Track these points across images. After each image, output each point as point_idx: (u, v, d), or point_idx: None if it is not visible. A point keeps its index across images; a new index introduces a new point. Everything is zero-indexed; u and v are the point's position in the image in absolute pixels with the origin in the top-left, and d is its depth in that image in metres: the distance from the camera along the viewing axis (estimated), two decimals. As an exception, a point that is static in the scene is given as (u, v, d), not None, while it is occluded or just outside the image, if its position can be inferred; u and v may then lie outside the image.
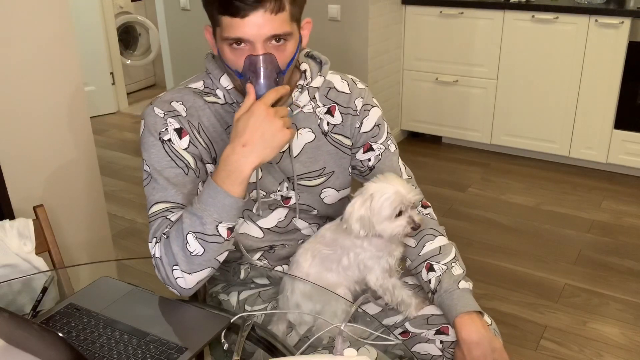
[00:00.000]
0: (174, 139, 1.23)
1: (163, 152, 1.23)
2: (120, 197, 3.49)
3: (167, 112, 1.24)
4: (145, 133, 1.25)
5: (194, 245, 1.14)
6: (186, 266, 1.16)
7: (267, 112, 1.11)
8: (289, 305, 1.28)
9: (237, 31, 1.11)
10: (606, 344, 2.26)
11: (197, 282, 1.19)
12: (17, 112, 1.83)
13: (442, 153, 4.04)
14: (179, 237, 1.15)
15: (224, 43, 1.14)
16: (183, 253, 1.15)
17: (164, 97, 1.27)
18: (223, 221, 1.13)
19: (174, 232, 1.16)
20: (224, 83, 1.27)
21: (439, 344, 1.31)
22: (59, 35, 1.90)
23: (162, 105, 1.25)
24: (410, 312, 1.33)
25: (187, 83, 1.31)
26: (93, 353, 1.06)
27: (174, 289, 1.19)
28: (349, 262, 1.29)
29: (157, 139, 1.23)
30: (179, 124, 1.24)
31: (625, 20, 3.24)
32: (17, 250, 1.48)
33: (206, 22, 1.21)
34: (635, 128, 3.42)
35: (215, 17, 1.14)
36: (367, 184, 1.26)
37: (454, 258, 1.35)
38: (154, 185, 1.23)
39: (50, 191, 1.96)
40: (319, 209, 1.40)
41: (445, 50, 3.81)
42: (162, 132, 1.23)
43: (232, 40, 1.13)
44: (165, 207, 1.21)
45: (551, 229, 3.06)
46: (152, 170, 1.23)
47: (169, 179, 1.22)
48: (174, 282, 1.18)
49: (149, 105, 1.26)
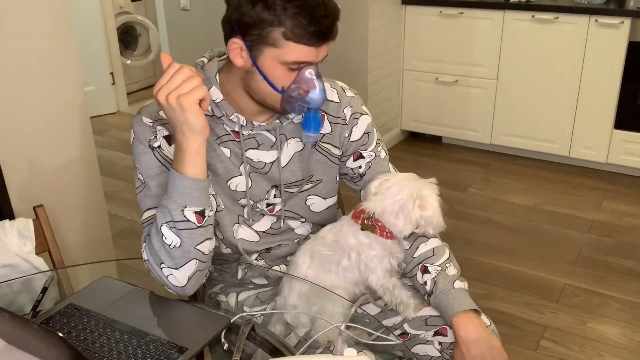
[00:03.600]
0: (163, 145, 1.25)
1: (154, 159, 1.25)
2: (120, 197, 3.49)
3: (156, 121, 1.25)
4: (135, 142, 1.26)
5: (169, 237, 1.16)
6: (170, 261, 1.17)
7: (167, 90, 1.09)
8: (287, 307, 1.28)
9: (307, 57, 1.17)
10: (606, 344, 2.26)
11: (188, 277, 1.19)
12: (17, 112, 1.83)
13: (442, 153, 4.04)
14: (157, 233, 1.18)
15: (280, 64, 1.17)
16: (163, 248, 1.17)
17: (150, 107, 1.28)
18: (187, 205, 1.15)
19: (153, 230, 1.19)
20: (214, 95, 1.26)
21: (438, 345, 1.31)
22: (59, 35, 1.90)
23: (149, 114, 1.26)
24: (409, 313, 1.33)
25: None
26: (93, 353, 1.06)
27: (170, 288, 1.20)
28: (349, 263, 1.29)
29: (147, 147, 1.25)
30: (168, 132, 1.25)
31: (625, 20, 3.23)
32: (17, 250, 1.48)
33: (206, 22, 1.21)
34: (635, 128, 3.42)
35: (275, 41, 1.15)
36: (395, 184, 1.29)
37: (448, 259, 1.35)
38: (147, 192, 1.25)
39: (50, 191, 1.96)
40: (306, 216, 1.42)
41: (445, 50, 3.81)
42: (152, 140, 1.25)
43: (299, 63, 1.17)
44: (154, 213, 1.23)
45: (551, 229, 3.06)
46: (145, 177, 1.25)
47: (161, 185, 1.24)
48: (167, 281, 1.19)
49: (137, 115, 1.27)
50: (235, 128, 1.29)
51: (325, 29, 1.16)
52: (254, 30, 1.15)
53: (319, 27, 1.14)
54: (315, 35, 1.15)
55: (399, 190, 1.26)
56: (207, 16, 3.86)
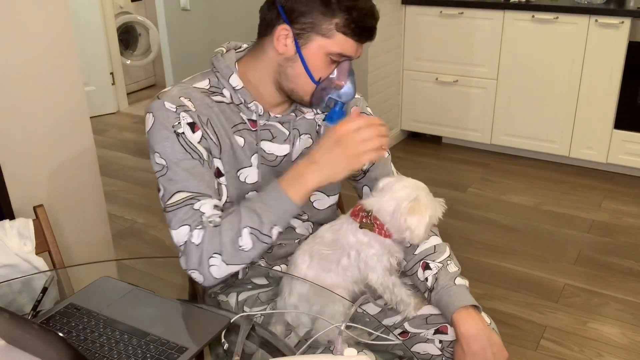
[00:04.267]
0: (187, 132, 1.24)
1: (178, 144, 1.23)
2: (120, 197, 3.49)
3: (179, 107, 1.24)
4: (157, 127, 1.24)
5: (246, 240, 1.19)
6: (229, 257, 1.19)
7: (346, 137, 1.18)
8: (287, 308, 1.28)
9: (352, 51, 1.24)
10: (606, 344, 2.26)
11: (227, 274, 1.22)
12: (17, 112, 1.83)
13: (442, 153, 4.04)
14: (233, 230, 1.18)
15: (325, 55, 1.23)
16: (232, 245, 1.18)
17: (171, 92, 1.27)
18: (278, 225, 1.20)
19: (228, 224, 1.19)
20: (233, 82, 1.28)
21: (438, 343, 1.31)
22: (59, 35, 1.90)
23: (172, 100, 1.25)
24: (409, 311, 1.33)
25: (191, 82, 1.31)
26: (93, 353, 1.06)
27: (201, 275, 1.20)
28: (349, 262, 1.29)
29: (171, 132, 1.23)
30: (191, 119, 1.24)
31: (625, 20, 3.24)
32: (17, 250, 1.48)
33: (206, 22, 1.22)
34: (635, 128, 3.42)
35: (328, 32, 1.21)
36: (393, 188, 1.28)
37: (449, 257, 1.36)
38: (171, 176, 1.23)
39: (50, 191, 1.96)
40: (309, 213, 1.43)
41: (445, 50, 3.81)
42: (176, 126, 1.23)
43: (341, 56, 1.24)
44: (189, 195, 1.22)
45: (551, 229, 3.06)
46: (169, 162, 1.23)
47: (187, 170, 1.23)
48: (206, 270, 1.19)
49: (157, 100, 1.26)
50: (252, 117, 1.30)
51: (372, 27, 1.25)
52: (306, 18, 1.21)
53: (368, 25, 1.24)
54: (364, 32, 1.23)
55: (400, 189, 1.27)
56: (207, 16, 3.86)
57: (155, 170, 1.26)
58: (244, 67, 1.30)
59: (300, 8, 1.20)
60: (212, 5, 3.82)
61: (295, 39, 1.23)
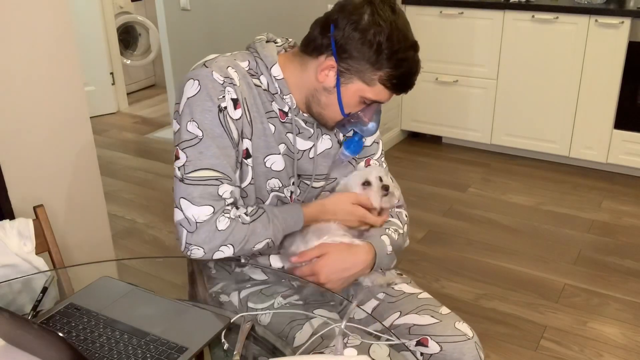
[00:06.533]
0: (229, 108, 1.24)
1: (217, 120, 1.23)
2: (120, 197, 3.49)
3: (225, 79, 1.24)
4: (202, 95, 1.22)
5: (261, 245, 1.28)
6: (239, 251, 1.25)
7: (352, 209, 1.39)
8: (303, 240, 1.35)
9: (386, 99, 1.31)
10: (606, 344, 2.26)
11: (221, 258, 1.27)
12: (17, 112, 1.83)
13: (442, 153, 4.04)
14: (258, 237, 1.26)
15: (360, 97, 1.28)
16: (250, 245, 1.26)
17: (218, 62, 1.27)
18: (280, 237, 1.32)
19: (259, 229, 1.26)
20: (275, 72, 1.30)
21: (420, 355, 1.32)
22: (59, 35, 1.90)
23: (220, 71, 1.25)
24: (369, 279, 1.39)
25: (233, 57, 1.31)
26: (93, 353, 1.06)
27: (202, 252, 1.22)
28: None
29: (215, 105, 1.22)
30: (235, 95, 1.25)
31: (625, 20, 3.24)
32: (17, 250, 1.48)
33: (206, 22, 1.22)
34: (635, 128, 3.42)
35: (370, 81, 1.26)
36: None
37: (400, 233, 1.45)
38: (203, 149, 1.22)
39: (50, 191, 1.96)
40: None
41: (445, 50, 3.81)
42: (220, 99, 1.23)
43: (374, 101, 1.31)
44: (215, 175, 1.22)
45: (551, 229, 3.06)
46: (206, 134, 1.22)
47: (220, 148, 1.23)
48: (212, 252, 1.23)
49: (205, 67, 1.25)
50: (284, 108, 1.32)
51: (412, 85, 1.29)
52: (354, 62, 1.24)
53: (410, 82, 1.28)
54: (404, 88, 1.29)
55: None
56: (207, 16, 3.86)
57: (182, 139, 1.23)
58: (282, 64, 1.32)
59: (352, 51, 1.23)
60: (212, 5, 3.82)
61: (337, 75, 1.26)
